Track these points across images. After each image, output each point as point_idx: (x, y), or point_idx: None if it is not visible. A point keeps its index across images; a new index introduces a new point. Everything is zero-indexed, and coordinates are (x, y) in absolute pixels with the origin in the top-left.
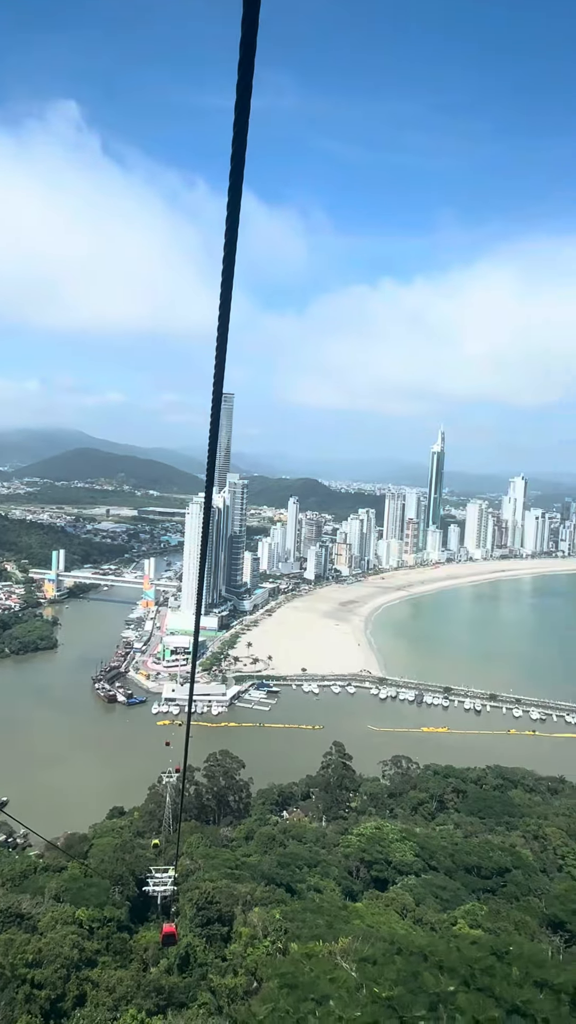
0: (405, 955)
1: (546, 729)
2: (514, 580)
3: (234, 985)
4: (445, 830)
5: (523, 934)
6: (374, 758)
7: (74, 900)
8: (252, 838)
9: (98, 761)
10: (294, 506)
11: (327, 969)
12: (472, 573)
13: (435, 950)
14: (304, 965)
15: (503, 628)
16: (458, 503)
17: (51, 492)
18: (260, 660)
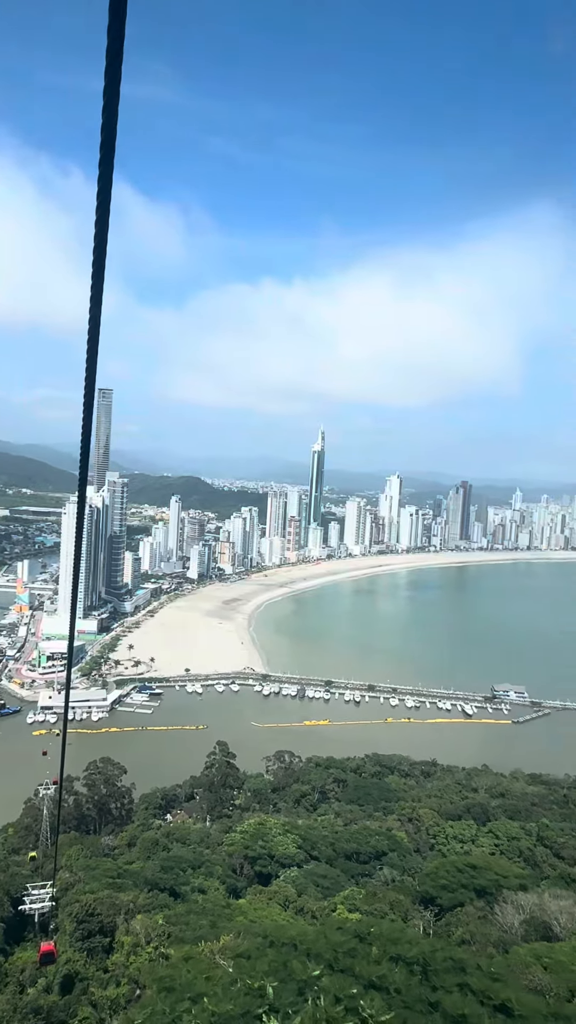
0: (277, 947)
1: (420, 716)
2: (391, 574)
3: (116, 996)
4: (326, 820)
5: (396, 913)
6: (258, 754)
7: None
8: (135, 844)
9: None
10: (176, 505)
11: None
12: (351, 568)
13: (304, 939)
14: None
15: (380, 621)
16: (338, 500)
17: None
18: (142, 662)
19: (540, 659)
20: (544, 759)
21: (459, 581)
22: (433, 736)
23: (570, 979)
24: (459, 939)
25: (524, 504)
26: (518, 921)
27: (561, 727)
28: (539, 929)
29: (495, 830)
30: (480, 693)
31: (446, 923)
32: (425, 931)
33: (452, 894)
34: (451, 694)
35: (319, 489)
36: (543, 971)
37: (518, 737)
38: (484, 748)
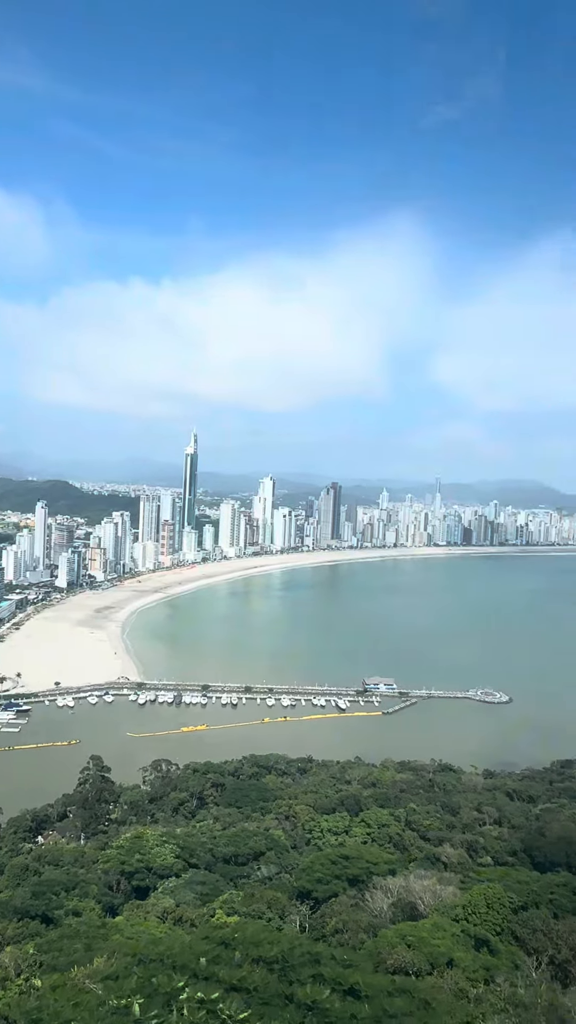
0: (145, 963)
1: (296, 713)
2: (265, 575)
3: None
4: (205, 825)
5: (274, 911)
6: (135, 765)
7: None
8: (2, 872)
9: None
10: (42, 511)
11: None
12: (227, 571)
13: (171, 952)
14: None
15: (256, 622)
16: (213, 503)
17: None
18: (7, 678)
19: (407, 651)
20: (412, 746)
21: (331, 579)
22: (309, 733)
23: (430, 953)
24: (333, 929)
25: (391, 503)
26: (387, 905)
27: (426, 714)
28: (406, 910)
29: (367, 819)
30: (352, 687)
31: (321, 915)
32: (301, 925)
33: (327, 886)
34: (325, 690)
35: (193, 492)
36: (407, 949)
37: (388, 727)
38: (357, 741)
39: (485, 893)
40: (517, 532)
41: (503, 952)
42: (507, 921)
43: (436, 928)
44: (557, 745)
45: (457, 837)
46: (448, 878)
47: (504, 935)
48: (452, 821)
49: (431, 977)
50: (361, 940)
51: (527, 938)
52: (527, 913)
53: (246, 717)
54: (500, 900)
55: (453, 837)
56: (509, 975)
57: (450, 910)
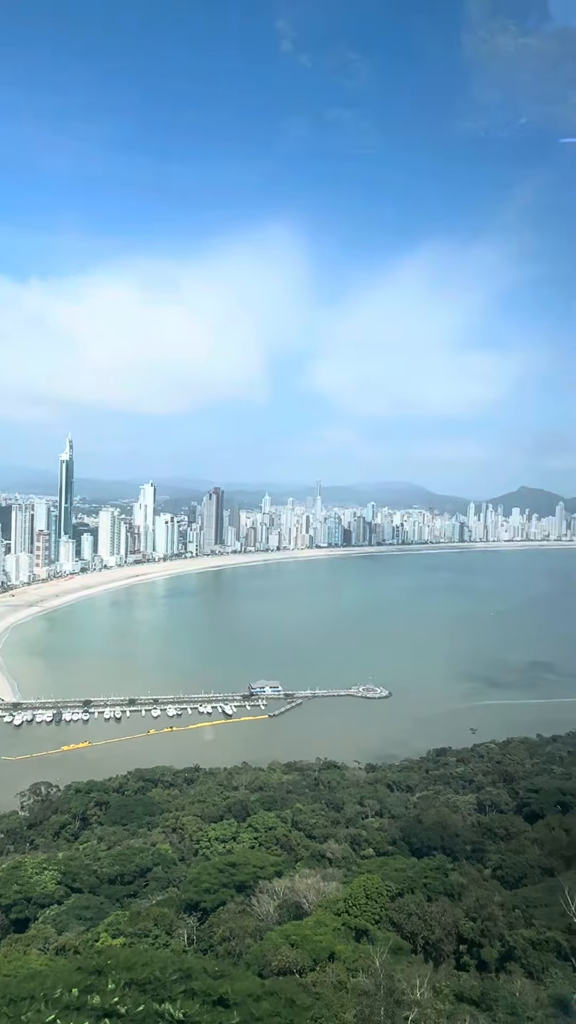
0: (16, 1001)
1: (183, 723)
2: (148, 584)
3: None
4: (89, 847)
5: (160, 927)
6: (11, 791)
7: None
8: None
9: None
10: None
11: None
12: (107, 581)
13: (42, 986)
14: None
15: (139, 632)
16: (91, 510)
17: None
18: None
19: (292, 652)
20: (298, 747)
21: (215, 585)
22: (196, 742)
23: (313, 950)
24: (220, 937)
25: (273, 507)
26: (273, 907)
27: (311, 714)
28: (292, 910)
29: (254, 824)
30: (238, 692)
31: (209, 925)
32: (189, 938)
33: (214, 895)
34: (211, 697)
35: (69, 500)
36: (291, 948)
37: (274, 730)
38: (244, 745)
39: (364, 885)
40: (393, 532)
41: (381, 939)
42: (384, 909)
43: (318, 924)
44: (432, 735)
45: (341, 832)
46: (331, 874)
47: (383, 923)
48: (336, 817)
49: (313, 973)
50: (248, 945)
51: (403, 923)
52: (403, 899)
53: (131, 730)
54: (378, 890)
55: (337, 833)
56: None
57: (332, 905)
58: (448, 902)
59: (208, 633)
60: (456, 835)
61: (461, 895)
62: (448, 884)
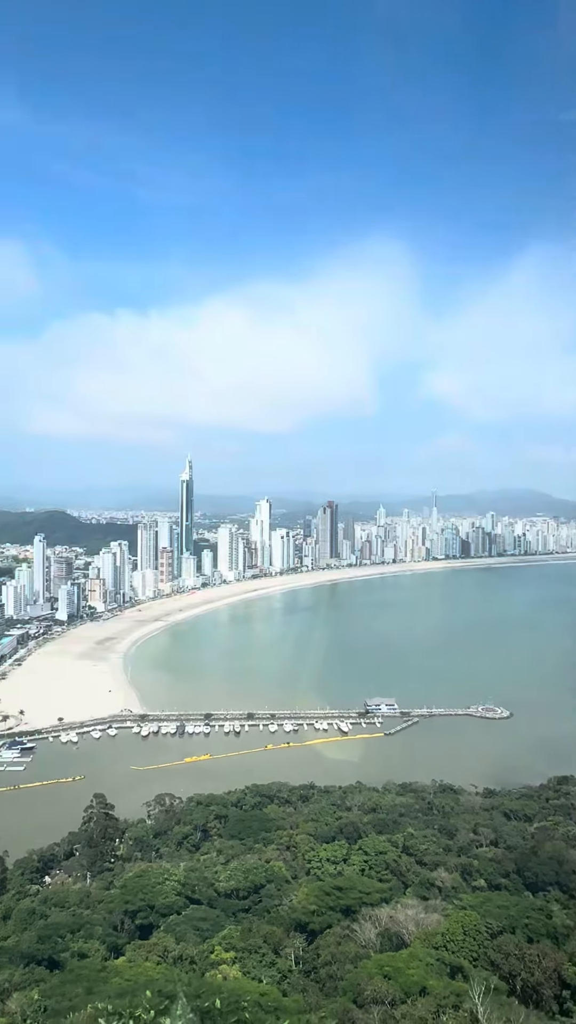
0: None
1: (299, 739)
2: (265, 598)
3: None
4: (208, 859)
5: (269, 945)
6: (139, 799)
7: None
8: (10, 917)
9: None
10: (40, 543)
11: None
12: (227, 596)
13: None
14: None
15: (256, 647)
16: (211, 526)
17: None
18: (10, 716)
19: (408, 669)
20: (413, 767)
21: (331, 599)
22: (311, 758)
23: (405, 983)
24: (323, 961)
25: (388, 519)
26: (374, 935)
27: (428, 734)
28: (393, 940)
29: (364, 847)
30: (354, 709)
31: (315, 947)
32: (296, 959)
33: (321, 918)
34: (327, 713)
35: (190, 518)
36: (383, 979)
37: (390, 749)
38: (359, 764)
39: (462, 921)
40: (515, 542)
41: (476, 978)
42: (483, 947)
43: (412, 958)
44: (556, 760)
45: (452, 861)
46: (435, 905)
47: (481, 961)
48: (448, 844)
49: (404, 1006)
50: (347, 971)
51: (501, 963)
52: (502, 938)
53: (249, 745)
54: (476, 927)
55: (448, 861)
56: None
57: (430, 938)
58: (550, 945)
59: (324, 648)
60: (574, 872)
61: (567, 938)
62: (551, 926)
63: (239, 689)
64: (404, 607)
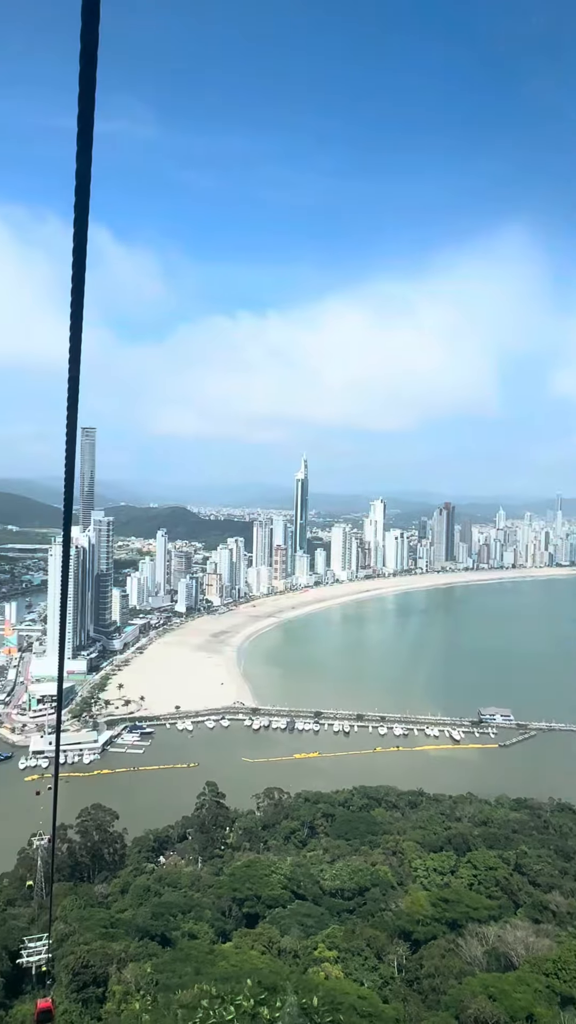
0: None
1: (408, 743)
2: (378, 599)
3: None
4: (314, 856)
5: (372, 949)
6: (249, 791)
7: None
8: (127, 891)
9: None
10: (163, 538)
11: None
12: (339, 595)
13: (232, 988)
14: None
15: (368, 648)
16: (325, 525)
17: None
18: (132, 701)
19: (526, 680)
20: (529, 783)
21: (445, 603)
22: (421, 764)
23: (511, 1007)
24: (427, 973)
25: (508, 522)
26: (481, 952)
27: (546, 748)
28: (500, 960)
29: (473, 860)
30: (467, 717)
31: (419, 957)
32: (399, 966)
33: (426, 928)
34: (438, 720)
35: (304, 516)
36: (488, 1000)
37: (504, 761)
38: (470, 774)
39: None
40: None
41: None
42: None
43: (520, 981)
44: None
45: (569, 885)
46: (547, 930)
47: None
48: (565, 867)
49: None
50: (451, 986)
51: None
52: None
53: (358, 745)
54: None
55: (564, 884)
56: None
57: (541, 963)
58: None
59: (436, 652)
60: None
61: None
62: None
63: (349, 689)
64: (523, 614)
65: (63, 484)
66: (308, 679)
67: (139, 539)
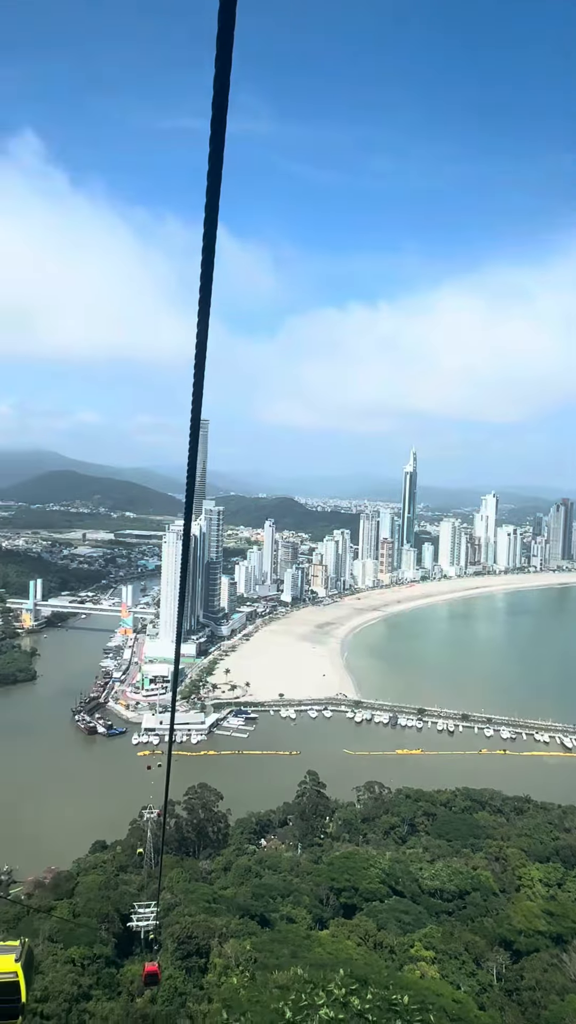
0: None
1: (516, 748)
2: (487, 597)
3: (208, 1011)
4: (414, 854)
5: (470, 954)
6: (349, 782)
7: (66, 941)
8: (229, 870)
9: (80, 794)
10: (270, 528)
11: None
12: (446, 591)
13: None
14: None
15: (476, 646)
16: (433, 518)
17: (26, 516)
18: (238, 686)
19: None
20: None
21: (560, 604)
22: (528, 770)
23: None
24: (527, 985)
25: None
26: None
27: None
28: None
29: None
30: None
31: (520, 968)
32: (498, 974)
33: (529, 939)
34: (549, 726)
35: (412, 510)
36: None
37: None
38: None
39: None
40: None
41: None
42: None
43: None
44: None
45: None
46: None
47: None
48: None
49: None
50: (551, 1002)
51: None
52: None
53: (462, 746)
54: None
55: None
56: None
57: None
58: None
59: (549, 655)
60: None
61: None
62: None
63: (454, 688)
64: None
65: (178, 473)
66: (412, 675)
67: (248, 528)
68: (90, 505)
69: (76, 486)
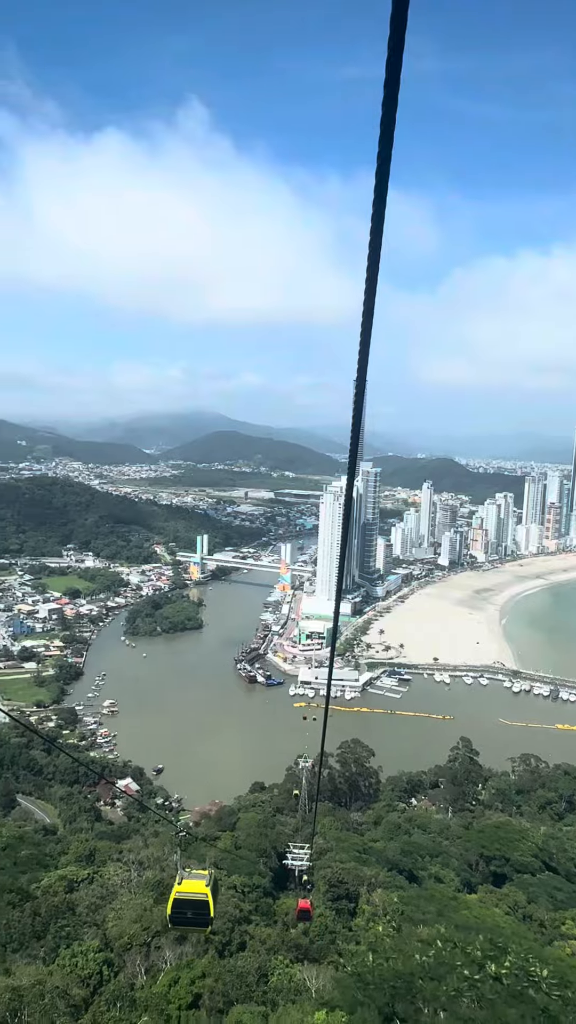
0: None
1: None
2: None
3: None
4: (570, 831)
5: None
6: (503, 752)
7: (229, 868)
8: (380, 824)
9: (241, 737)
10: (428, 490)
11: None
12: None
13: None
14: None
15: None
16: None
17: (193, 475)
18: (392, 647)
19: None
20: None
21: None
22: None
23: None
24: None
25: None
26: None
27: None
28: None
29: None
30: None
31: None
32: None
33: None
34: None
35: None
36: None
37: None
38: None
39: None
40: None
41: None
42: None
43: None
44: None
45: None
46: None
47: None
48: None
49: None
50: None
51: None
52: None
53: None
54: None
55: None
56: None
57: None
58: None
59: None
60: None
61: None
62: None
63: None
64: None
65: (335, 434)
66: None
67: (405, 490)
68: (252, 464)
69: (239, 446)
